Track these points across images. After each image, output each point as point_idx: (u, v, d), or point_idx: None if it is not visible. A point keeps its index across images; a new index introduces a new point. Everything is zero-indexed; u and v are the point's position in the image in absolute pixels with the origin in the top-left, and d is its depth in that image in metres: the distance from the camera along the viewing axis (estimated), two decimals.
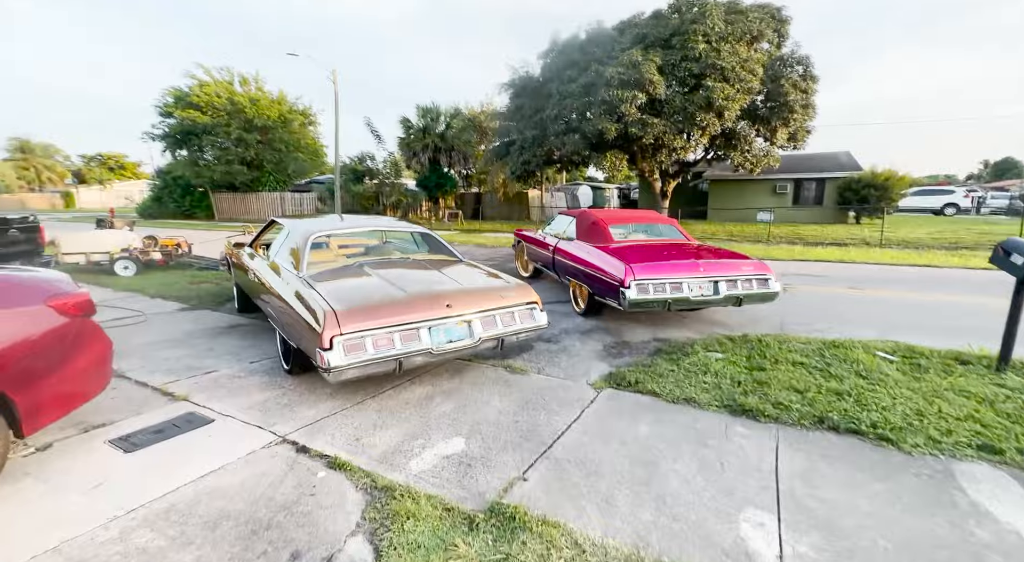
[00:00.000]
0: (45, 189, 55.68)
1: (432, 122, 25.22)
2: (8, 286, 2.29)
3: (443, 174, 25.51)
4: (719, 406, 3.31)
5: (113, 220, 12.76)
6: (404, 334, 3.24)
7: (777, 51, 17.10)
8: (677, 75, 15.71)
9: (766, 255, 11.32)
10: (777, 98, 16.04)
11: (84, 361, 2.51)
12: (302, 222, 4.75)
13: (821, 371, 3.88)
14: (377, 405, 3.36)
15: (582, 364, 4.26)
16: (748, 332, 5.05)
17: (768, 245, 13.69)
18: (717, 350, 4.48)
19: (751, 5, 16.60)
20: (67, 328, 2.42)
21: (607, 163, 16.86)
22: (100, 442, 2.73)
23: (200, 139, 26.58)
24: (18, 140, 57.11)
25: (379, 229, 5.23)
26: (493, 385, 3.75)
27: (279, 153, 28.20)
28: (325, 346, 2.92)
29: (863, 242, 13.68)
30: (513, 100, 19.80)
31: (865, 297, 6.96)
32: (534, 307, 3.95)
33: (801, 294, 7.22)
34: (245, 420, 3.06)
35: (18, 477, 2.36)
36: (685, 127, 15.64)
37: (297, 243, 4.20)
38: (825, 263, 10.28)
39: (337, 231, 4.92)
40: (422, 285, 3.73)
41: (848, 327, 5.32)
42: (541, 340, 4.88)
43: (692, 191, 25.44)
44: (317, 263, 4.29)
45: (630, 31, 17.52)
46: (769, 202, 21.87)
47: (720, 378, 3.77)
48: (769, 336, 4.85)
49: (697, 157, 19.85)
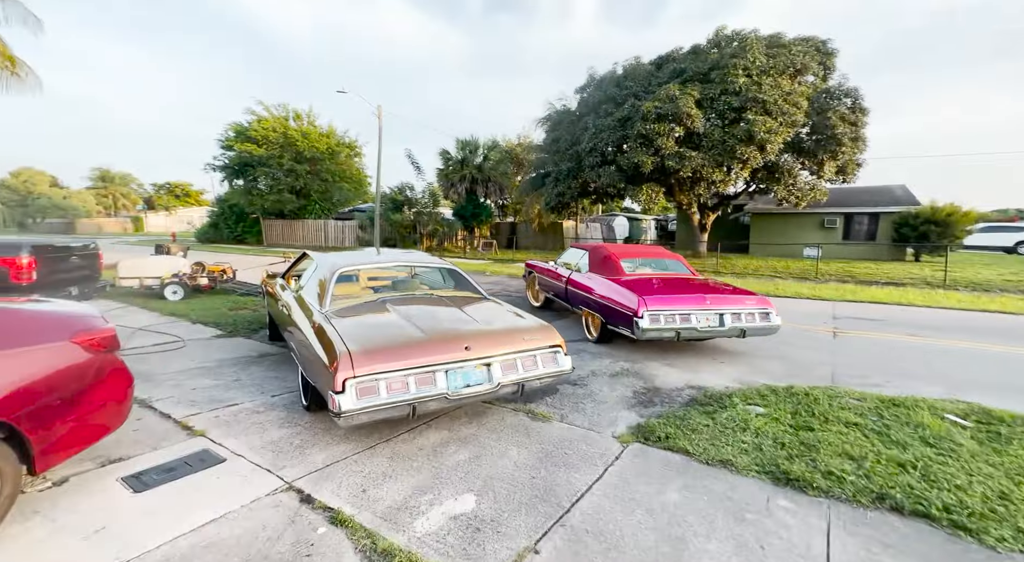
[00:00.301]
0: (119, 214, 60.89)
1: (470, 154, 25.96)
2: (38, 322, 2.37)
3: (479, 204, 25.99)
4: (759, 472, 2.98)
5: (170, 246, 13.62)
6: (419, 377, 3.14)
7: (823, 84, 16.66)
8: (716, 109, 15.52)
9: (814, 294, 10.65)
10: (824, 131, 15.50)
11: (103, 398, 2.53)
12: (331, 256, 4.82)
13: (879, 435, 3.46)
14: (390, 450, 3.23)
15: (609, 412, 4.00)
16: (794, 383, 4.63)
17: (816, 283, 12.92)
18: (758, 403, 4.11)
19: (794, 39, 16.35)
20: (90, 364, 2.46)
21: (643, 196, 16.66)
22: (113, 479, 2.72)
23: (255, 170, 28.41)
24: (100, 170, 63.21)
25: (407, 264, 5.24)
26: (512, 433, 3.56)
27: (326, 183, 29.71)
28: (337, 389, 2.85)
29: (924, 282, 12.68)
30: (549, 133, 20.13)
31: (929, 346, 6.32)
32: (558, 351, 3.77)
33: (854, 340, 6.66)
34: (255, 461, 3.00)
35: (28, 515, 2.37)
36: (725, 160, 15.30)
37: (323, 277, 4.23)
38: (881, 305, 9.53)
39: (363, 266, 4.97)
40: (441, 325, 3.64)
41: (910, 382, 4.81)
42: (567, 382, 4.66)
43: (733, 224, 24.69)
44: (342, 297, 4.31)
45: (667, 66, 17.60)
46: (816, 237, 20.84)
47: (761, 437, 3.43)
48: (818, 389, 4.43)
49: (738, 190, 19.34)
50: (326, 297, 3.95)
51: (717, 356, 5.79)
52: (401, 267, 5.43)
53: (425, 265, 5.19)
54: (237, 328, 6.79)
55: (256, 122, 28.01)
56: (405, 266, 5.37)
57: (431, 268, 5.40)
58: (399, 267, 5.42)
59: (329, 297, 3.96)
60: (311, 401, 3.75)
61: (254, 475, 2.85)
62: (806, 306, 9.52)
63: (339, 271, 4.26)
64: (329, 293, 3.99)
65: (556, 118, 19.78)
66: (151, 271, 9.38)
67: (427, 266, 5.25)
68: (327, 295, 3.96)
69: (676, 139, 15.30)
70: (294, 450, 3.18)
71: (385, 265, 5.32)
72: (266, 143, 27.47)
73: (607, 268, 6.57)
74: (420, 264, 5.21)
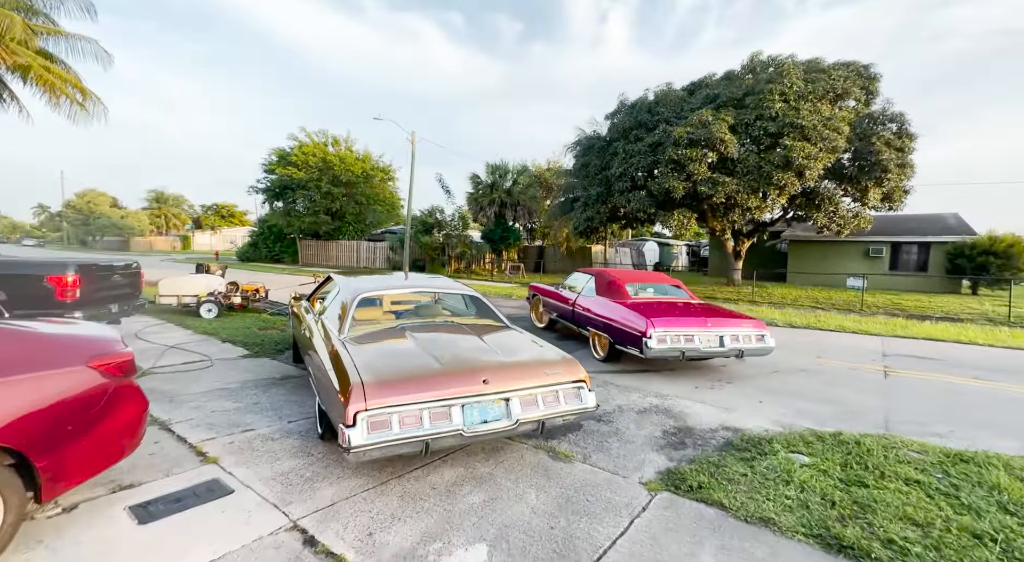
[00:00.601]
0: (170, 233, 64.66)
1: (500, 178, 26.31)
2: (55, 344, 2.38)
3: (508, 227, 26.15)
4: (806, 534, 2.65)
5: (210, 265, 14.18)
6: (434, 412, 2.99)
7: (865, 108, 16.11)
8: (751, 134, 15.19)
9: (860, 328, 9.98)
10: (867, 157, 14.89)
11: (116, 424, 2.51)
12: (354, 280, 4.80)
13: (947, 497, 3.06)
14: (401, 488, 3.08)
15: (636, 454, 3.73)
16: (842, 429, 4.23)
17: (861, 316, 12.15)
18: (802, 451, 3.75)
19: (834, 63, 15.96)
20: (104, 389, 2.45)
21: (674, 221, 16.31)
22: (121, 508, 2.67)
23: (294, 192, 29.67)
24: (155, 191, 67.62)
25: (430, 289, 5.18)
26: (531, 474, 3.34)
27: (360, 205, 30.68)
28: (348, 422, 2.74)
29: (985, 318, 11.72)
30: (579, 158, 20.17)
31: (997, 392, 5.72)
32: (582, 386, 3.56)
33: (908, 381, 6.12)
34: (263, 494, 2.90)
35: (31, 545, 2.32)
36: (760, 186, 14.86)
37: (345, 301, 4.20)
38: (937, 342, 8.81)
39: (385, 291, 4.94)
40: (460, 355, 3.52)
41: (978, 433, 4.32)
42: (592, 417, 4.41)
43: (769, 251, 23.87)
44: (363, 322, 4.26)
45: (700, 92, 17.46)
46: (860, 266, 19.82)
47: (807, 493, 3.08)
48: (870, 437, 4.01)
49: (774, 217, 18.72)
50: (345, 322, 3.90)
51: (754, 394, 5.41)
52: (424, 292, 5.37)
53: (448, 291, 5.11)
54: (264, 348, 6.86)
55: (297, 148, 29.41)
56: (428, 291, 5.31)
57: (454, 294, 5.32)
58: (421, 292, 5.36)
59: (348, 322, 3.90)
60: (325, 429, 3.66)
61: (260, 510, 2.74)
62: (851, 341, 8.91)
63: (361, 296, 4.22)
64: (349, 318, 3.94)
65: (586, 143, 19.83)
66: (188, 289, 9.73)
67: (450, 292, 5.17)
68: (347, 320, 3.91)
69: (709, 164, 15.00)
70: (304, 483, 3.07)
71: (407, 290, 5.28)
72: (305, 167, 28.71)
73: (613, 292, 7.01)
74: (443, 289, 5.13)
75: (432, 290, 5.23)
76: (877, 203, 15.65)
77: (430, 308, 5.37)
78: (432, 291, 5.30)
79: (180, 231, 65.58)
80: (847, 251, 20.53)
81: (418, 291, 5.23)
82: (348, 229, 30.79)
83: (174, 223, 67.37)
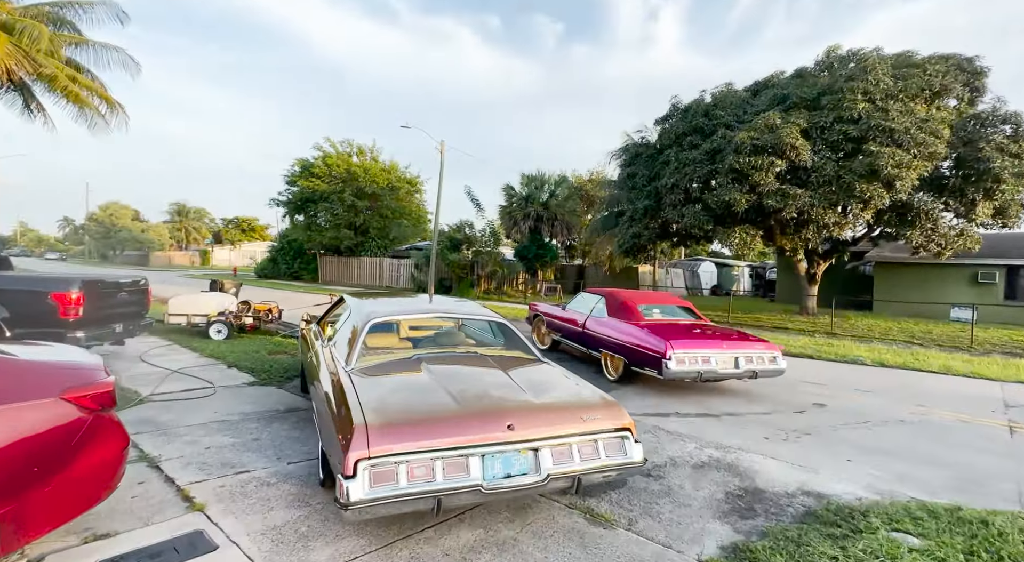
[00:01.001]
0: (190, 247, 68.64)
1: (536, 190, 26.37)
2: (27, 373, 2.37)
3: (544, 244, 26.05)
4: None
5: (224, 282, 14.73)
6: (449, 462, 2.80)
7: (969, 108, 15.18)
8: (828, 139, 14.55)
9: (971, 371, 9.11)
10: (974, 164, 13.92)
11: (90, 465, 2.46)
12: (368, 303, 4.74)
13: None
14: (409, 552, 2.88)
15: (693, 521, 3.40)
16: (960, 501, 3.72)
17: (972, 354, 11.14)
18: (909, 530, 3.29)
19: (929, 57, 15.20)
20: (78, 425, 2.41)
21: (735, 239, 15.70)
22: None
23: (316, 205, 30.81)
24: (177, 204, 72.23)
25: (451, 314, 5.06)
26: (564, 541, 3.07)
27: (384, 219, 31.49)
28: (348, 472, 2.59)
29: None
30: (624, 168, 19.92)
31: None
32: (626, 436, 3.28)
33: None
34: (249, 553, 2.77)
35: None
36: (839, 199, 14.13)
37: (355, 326, 4.12)
38: None
39: (401, 316, 4.87)
40: (482, 393, 3.34)
41: None
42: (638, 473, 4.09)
43: (851, 274, 22.64)
44: (375, 350, 4.16)
45: (765, 92, 17.00)
46: (967, 294, 18.37)
47: None
48: (1001, 515, 3.49)
49: (857, 234, 17.75)
50: (354, 350, 3.80)
51: (840, 450, 4.92)
52: (444, 317, 5.25)
53: (472, 316, 4.97)
54: (271, 375, 6.92)
55: (321, 158, 30.67)
56: (449, 316, 5.18)
57: (479, 320, 5.17)
58: (442, 317, 5.24)
59: (357, 351, 3.81)
60: (327, 475, 3.52)
61: None
62: (961, 386, 8.11)
63: (373, 321, 4.13)
64: (358, 346, 3.84)
65: (633, 151, 19.58)
66: (199, 308, 10.06)
67: (474, 318, 5.02)
68: (355, 348, 3.82)
69: (777, 174, 14.40)
70: (297, 540, 2.93)
71: (425, 315, 5.18)
72: (329, 178, 29.85)
73: (626, 313, 7.51)
74: (467, 315, 5.00)
75: (455, 315, 5.10)
76: (987, 219, 14.53)
77: (452, 335, 5.24)
78: (455, 316, 5.17)
79: (200, 245, 69.43)
80: (949, 276, 19.11)
81: (438, 316, 5.12)
82: (371, 244, 31.57)
83: (194, 237, 71.52)
